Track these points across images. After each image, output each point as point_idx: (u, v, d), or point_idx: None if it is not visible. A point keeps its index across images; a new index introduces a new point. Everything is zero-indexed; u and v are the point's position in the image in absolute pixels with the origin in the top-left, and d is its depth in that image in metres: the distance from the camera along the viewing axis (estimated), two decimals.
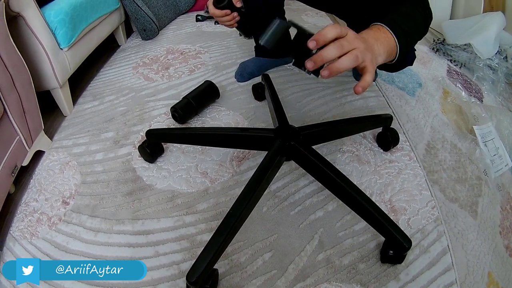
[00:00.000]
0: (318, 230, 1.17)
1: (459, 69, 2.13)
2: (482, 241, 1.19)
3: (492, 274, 1.12)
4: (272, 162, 1.09)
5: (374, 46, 0.85)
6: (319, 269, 1.08)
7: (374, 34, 0.88)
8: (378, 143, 1.48)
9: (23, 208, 1.27)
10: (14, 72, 1.22)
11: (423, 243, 1.15)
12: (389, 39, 0.90)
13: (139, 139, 1.51)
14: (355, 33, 0.80)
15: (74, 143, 1.52)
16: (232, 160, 1.41)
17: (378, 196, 1.28)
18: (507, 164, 1.51)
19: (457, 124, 1.64)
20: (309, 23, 2.50)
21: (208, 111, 1.66)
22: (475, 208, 1.29)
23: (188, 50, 2.13)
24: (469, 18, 2.30)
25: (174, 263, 1.09)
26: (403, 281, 1.05)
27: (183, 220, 1.20)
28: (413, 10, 1.00)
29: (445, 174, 1.38)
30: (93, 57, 1.93)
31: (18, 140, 1.26)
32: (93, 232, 1.18)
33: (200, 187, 1.31)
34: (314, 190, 1.29)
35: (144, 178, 1.35)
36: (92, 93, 1.83)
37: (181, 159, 1.42)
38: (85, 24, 1.70)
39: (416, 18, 1.00)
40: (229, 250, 1.11)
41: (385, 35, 0.89)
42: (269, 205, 1.25)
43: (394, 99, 1.72)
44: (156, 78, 1.90)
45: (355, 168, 1.38)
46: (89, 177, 1.37)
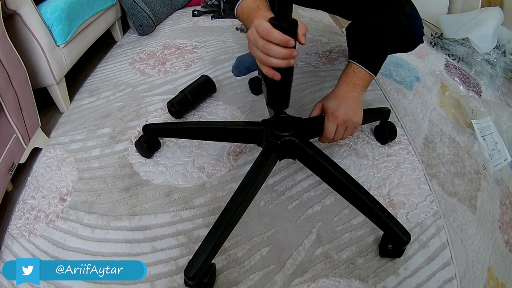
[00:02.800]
0: (316, 224, 1.17)
1: (457, 63, 2.12)
2: (482, 236, 1.19)
3: (492, 269, 1.11)
4: (268, 156, 1.08)
5: (358, 105, 1.09)
6: (317, 264, 1.07)
7: (353, 88, 1.09)
8: (375, 137, 1.48)
9: (21, 206, 1.26)
10: (11, 70, 1.21)
11: (422, 238, 1.14)
12: (364, 75, 1.10)
13: (136, 134, 1.50)
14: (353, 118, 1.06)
15: (71, 140, 1.51)
16: (229, 154, 1.40)
17: (376, 190, 1.28)
18: (506, 159, 1.51)
19: (455, 118, 1.64)
20: (306, 17, 2.49)
21: (205, 106, 1.65)
22: (474, 203, 1.29)
23: (185, 45, 2.12)
24: (467, 13, 2.30)
25: (171, 258, 1.09)
26: (403, 276, 1.05)
27: (180, 216, 1.20)
28: (386, 20, 1.10)
29: (444, 168, 1.38)
30: (89, 53, 1.92)
31: (15, 138, 1.25)
32: (90, 228, 1.18)
33: (197, 182, 1.31)
34: (311, 184, 1.29)
35: (141, 173, 1.34)
36: (88, 89, 1.82)
37: (178, 154, 1.41)
38: (81, 21, 1.69)
39: (388, 29, 1.11)
40: (227, 245, 1.11)
41: (360, 74, 1.09)
42: (267, 200, 1.24)
43: (391, 92, 1.72)
44: (153, 73, 1.89)
45: (352, 162, 1.38)
46: (86, 173, 1.36)
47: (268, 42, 0.81)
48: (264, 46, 0.81)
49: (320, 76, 1.81)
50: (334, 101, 1.07)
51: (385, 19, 1.09)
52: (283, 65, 0.83)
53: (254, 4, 0.98)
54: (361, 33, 1.12)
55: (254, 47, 0.85)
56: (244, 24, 1.06)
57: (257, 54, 0.85)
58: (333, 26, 2.35)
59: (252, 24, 0.84)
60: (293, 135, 1.08)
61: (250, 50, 0.89)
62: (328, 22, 2.37)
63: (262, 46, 0.82)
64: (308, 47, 2.08)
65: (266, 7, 0.97)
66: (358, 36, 1.14)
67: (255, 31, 0.82)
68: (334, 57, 1.98)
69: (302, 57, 1.98)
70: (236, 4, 1.04)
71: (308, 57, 1.98)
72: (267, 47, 0.81)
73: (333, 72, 1.84)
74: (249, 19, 0.97)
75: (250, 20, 0.94)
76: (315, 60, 1.96)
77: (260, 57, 0.84)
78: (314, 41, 2.14)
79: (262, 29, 0.80)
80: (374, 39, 1.10)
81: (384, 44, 1.10)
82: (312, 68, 1.90)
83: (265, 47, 0.81)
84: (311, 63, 1.93)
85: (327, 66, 1.90)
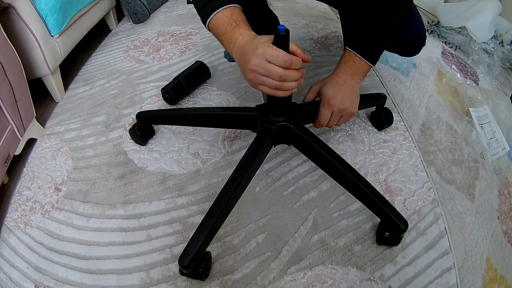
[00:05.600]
0: (312, 210, 1.16)
1: (454, 51, 2.11)
2: (480, 226, 1.18)
3: (490, 260, 1.11)
4: (262, 142, 1.07)
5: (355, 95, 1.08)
6: (313, 251, 1.07)
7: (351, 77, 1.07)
8: (371, 122, 1.47)
9: (17, 197, 1.26)
10: (6, 62, 1.20)
11: (420, 225, 1.14)
12: (363, 65, 1.08)
13: (130, 121, 1.49)
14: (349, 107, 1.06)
15: (66, 129, 1.50)
16: (224, 140, 1.39)
17: (373, 176, 1.27)
18: (504, 148, 1.50)
19: (452, 106, 1.63)
20: (301, 3, 2.46)
21: (199, 92, 1.63)
22: (472, 191, 1.28)
23: (179, 32, 2.10)
24: (464, 2, 2.28)
25: (166, 246, 1.08)
26: (400, 264, 1.05)
27: (175, 203, 1.19)
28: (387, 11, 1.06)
29: (441, 155, 1.37)
30: (84, 43, 1.90)
31: (10, 130, 1.24)
32: (85, 218, 1.18)
33: (191, 168, 1.30)
34: (307, 170, 1.28)
35: (136, 160, 1.33)
36: (83, 78, 1.81)
37: (172, 140, 1.40)
38: (75, 11, 1.67)
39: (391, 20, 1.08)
40: (222, 232, 1.10)
41: (360, 65, 1.07)
42: (262, 185, 1.23)
43: (388, 78, 1.70)
44: (147, 60, 1.87)
45: (349, 147, 1.37)
46: (80, 162, 1.35)
47: (286, 69, 0.80)
48: (283, 75, 0.80)
49: (316, 62, 1.79)
50: (331, 88, 1.06)
51: (386, 10, 1.07)
52: (295, 86, 0.84)
53: (231, 19, 0.91)
54: (363, 24, 1.09)
55: (265, 78, 0.82)
56: (218, 39, 0.98)
57: (272, 84, 0.83)
58: (329, 12, 2.33)
59: (256, 56, 0.81)
60: (287, 121, 1.06)
61: (256, 80, 0.85)
62: (323, 8, 2.34)
63: (280, 75, 0.80)
64: (303, 32, 2.06)
65: (244, 23, 0.91)
66: (359, 27, 1.10)
67: (266, 62, 0.80)
68: (330, 43, 1.96)
69: (297, 43, 1.96)
70: (208, 17, 0.94)
71: (303, 42, 1.96)
72: (285, 73, 0.80)
73: (329, 58, 1.82)
74: (226, 37, 0.92)
75: (229, 38, 0.91)
76: (310, 45, 1.94)
77: (273, 85, 0.83)
78: (309, 27, 2.11)
79: (283, 60, 0.79)
80: (377, 31, 1.07)
81: (386, 36, 1.08)
82: (307, 53, 1.87)
83: (283, 75, 0.80)
84: (306, 48, 1.91)
85: (322, 52, 1.88)
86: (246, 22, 0.92)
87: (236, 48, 0.88)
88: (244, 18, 0.93)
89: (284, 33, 0.78)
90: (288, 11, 2.33)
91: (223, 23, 0.91)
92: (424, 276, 1.03)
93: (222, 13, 0.91)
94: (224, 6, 0.91)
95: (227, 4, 0.92)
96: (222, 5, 0.92)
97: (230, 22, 0.90)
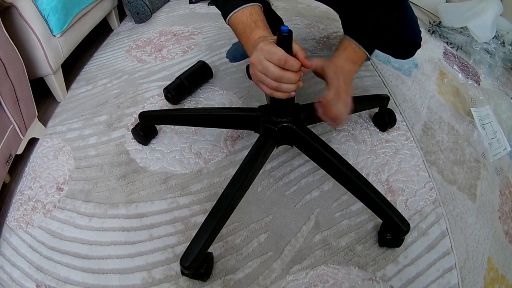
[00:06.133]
0: (314, 210, 1.16)
1: (456, 52, 2.11)
2: (481, 226, 1.18)
3: (492, 260, 1.11)
4: (265, 143, 1.07)
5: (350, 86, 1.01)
6: (315, 251, 1.07)
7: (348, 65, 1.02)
8: (374, 123, 1.46)
9: (19, 197, 1.25)
10: (7, 61, 1.20)
11: (422, 225, 1.14)
12: (361, 55, 1.05)
13: (132, 121, 1.49)
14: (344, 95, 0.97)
15: (68, 129, 1.50)
16: (226, 139, 1.39)
17: (375, 176, 1.27)
18: (505, 148, 1.50)
19: (454, 106, 1.63)
20: (303, 3, 2.46)
21: (202, 91, 1.63)
22: (474, 191, 1.28)
23: (181, 32, 2.10)
24: (466, 2, 2.27)
25: (168, 246, 1.08)
26: (402, 264, 1.05)
27: (177, 202, 1.19)
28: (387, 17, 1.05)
29: (443, 155, 1.37)
30: (86, 42, 1.90)
31: (12, 129, 1.24)
32: (88, 217, 1.17)
33: (193, 168, 1.30)
34: (309, 170, 1.28)
35: (138, 160, 1.33)
36: (85, 78, 1.81)
37: (175, 140, 1.40)
38: (77, 10, 1.67)
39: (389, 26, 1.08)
40: (224, 231, 1.10)
41: (359, 54, 1.04)
42: (264, 185, 1.23)
43: (390, 78, 1.70)
44: (149, 60, 1.87)
45: (351, 147, 1.37)
46: (82, 161, 1.35)
47: (283, 70, 0.79)
48: (279, 75, 0.80)
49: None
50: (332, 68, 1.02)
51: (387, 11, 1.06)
52: (293, 89, 0.82)
53: (250, 19, 0.92)
54: (363, 23, 1.07)
55: (263, 76, 0.82)
56: (236, 35, 0.99)
57: (270, 84, 0.82)
58: (330, 12, 2.31)
59: (257, 51, 0.81)
60: (290, 122, 1.06)
61: (254, 76, 0.85)
62: (326, 8, 2.34)
63: (275, 74, 0.80)
64: (305, 33, 2.06)
65: (263, 25, 0.92)
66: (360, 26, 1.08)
67: (264, 58, 0.80)
68: (332, 43, 1.96)
69: (299, 43, 1.96)
70: (230, 13, 0.95)
71: (305, 42, 1.96)
72: (281, 74, 0.80)
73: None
74: (244, 36, 0.92)
75: (246, 38, 0.91)
76: (312, 45, 1.94)
77: (271, 84, 0.82)
78: (311, 27, 2.12)
79: (278, 58, 0.78)
80: (378, 31, 1.07)
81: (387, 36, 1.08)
82: (309, 53, 1.88)
83: (279, 75, 0.80)
84: (308, 48, 1.91)
85: (324, 51, 1.88)
86: (265, 22, 0.93)
87: (251, 49, 0.87)
88: (263, 18, 0.93)
89: (287, 34, 0.78)
90: (290, 11, 2.33)
91: (242, 23, 0.92)
92: (426, 276, 1.03)
93: (242, 12, 0.92)
94: (244, 5, 0.92)
95: (247, 3, 0.92)
96: (242, 4, 0.92)
97: (249, 22, 0.91)
